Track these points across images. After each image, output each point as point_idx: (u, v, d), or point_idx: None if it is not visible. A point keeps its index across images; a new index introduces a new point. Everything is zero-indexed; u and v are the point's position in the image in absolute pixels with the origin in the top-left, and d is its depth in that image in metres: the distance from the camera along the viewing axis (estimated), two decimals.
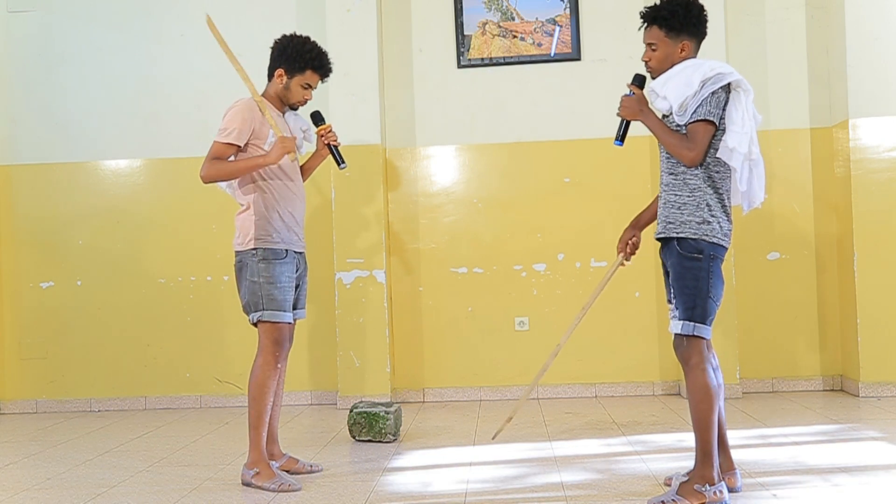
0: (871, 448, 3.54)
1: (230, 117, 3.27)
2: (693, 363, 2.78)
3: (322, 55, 3.41)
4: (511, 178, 5.19)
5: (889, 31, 4.76)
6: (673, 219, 2.82)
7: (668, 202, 2.85)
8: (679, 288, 2.80)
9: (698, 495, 2.71)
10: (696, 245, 2.77)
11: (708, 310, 2.77)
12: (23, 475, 3.64)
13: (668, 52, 2.88)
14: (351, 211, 5.02)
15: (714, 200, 2.79)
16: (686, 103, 2.75)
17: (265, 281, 3.26)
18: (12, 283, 5.38)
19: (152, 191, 5.35)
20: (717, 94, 2.75)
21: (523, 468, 3.41)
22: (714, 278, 2.78)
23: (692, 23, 2.87)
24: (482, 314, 5.16)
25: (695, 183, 2.79)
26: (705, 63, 2.81)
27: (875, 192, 4.74)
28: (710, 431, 2.74)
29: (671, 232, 2.81)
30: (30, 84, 5.40)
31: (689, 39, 2.88)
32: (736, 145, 2.71)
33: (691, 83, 2.74)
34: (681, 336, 2.80)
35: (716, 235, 2.78)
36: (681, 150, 2.77)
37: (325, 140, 3.48)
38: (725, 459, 2.93)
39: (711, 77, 2.75)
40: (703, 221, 2.77)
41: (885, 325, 4.70)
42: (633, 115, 2.90)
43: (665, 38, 2.88)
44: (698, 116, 2.74)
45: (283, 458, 3.45)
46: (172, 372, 5.30)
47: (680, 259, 2.80)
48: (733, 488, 2.91)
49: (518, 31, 5.19)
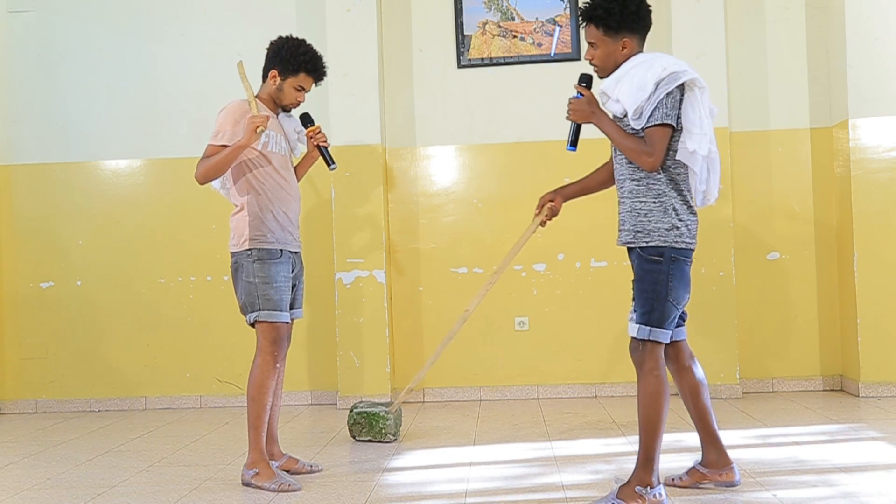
0: (871, 448, 3.53)
1: (222, 119, 3.29)
2: (647, 368, 2.73)
3: (316, 58, 3.40)
4: (511, 178, 5.19)
5: (889, 31, 4.76)
6: (641, 227, 2.74)
7: (634, 210, 2.75)
8: (638, 290, 2.74)
9: (638, 497, 2.70)
10: (656, 248, 2.70)
11: (666, 314, 2.70)
12: (23, 475, 3.64)
13: (608, 50, 2.79)
14: (351, 211, 5.02)
15: (679, 203, 2.72)
16: (641, 106, 2.66)
17: (261, 281, 3.26)
18: (12, 283, 5.38)
19: (152, 191, 5.35)
20: (673, 95, 2.65)
21: (523, 468, 3.41)
22: (675, 281, 2.71)
23: (630, 19, 2.75)
24: (482, 314, 5.16)
25: (659, 188, 2.71)
26: (656, 61, 2.70)
27: (875, 192, 4.74)
28: (655, 436, 2.72)
29: (641, 241, 2.74)
30: (29, 84, 5.40)
31: (630, 35, 2.77)
32: (696, 148, 2.65)
33: (645, 86, 2.64)
34: (637, 339, 2.75)
35: (684, 240, 2.72)
36: (640, 155, 2.68)
37: (314, 141, 3.48)
38: (720, 455, 2.92)
39: (665, 77, 2.64)
40: (671, 227, 2.70)
41: (885, 325, 4.70)
42: (585, 118, 2.81)
43: (604, 36, 2.78)
44: (655, 120, 2.65)
45: (282, 458, 3.45)
46: (172, 372, 5.30)
47: (640, 262, 2.74)
48: (732, 482, 2.91)
49: (518, 31, 5.19)
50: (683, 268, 2.74)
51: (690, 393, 2.95)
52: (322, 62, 3.43)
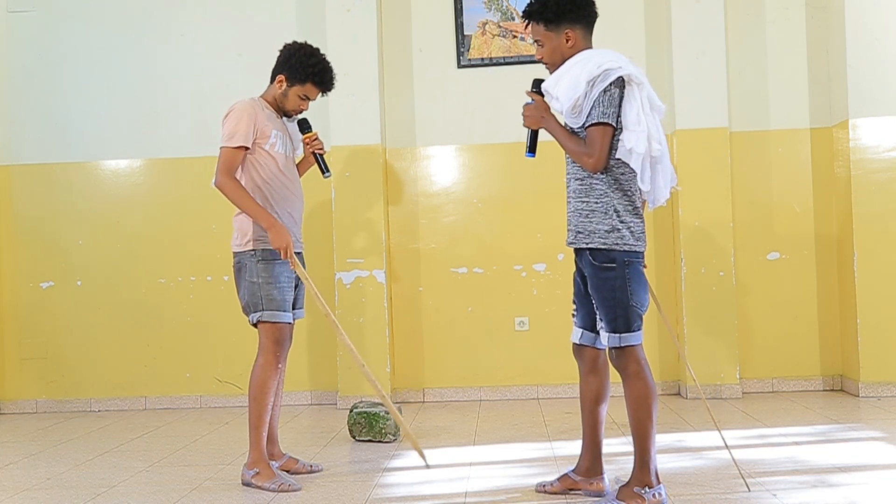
0: (871, 448, 3.54)
1: (233, 121, 3.25)
2: (630, 371, 2.73)
3: (326, 70, 3.36)
4: (511, 178, 5.19)
5: (889, 31, 4.76)
6: (582, 228, 2.73)
7: (577, 210, 2.75)
8: (599, 300, 2.73)
9: (638, 498, 2.70)
10: (608, 255, 2.68)
11: (631, 318, 2.69)
12: (23, 475, 3.64)
13: (553, 45, 2.78)
14: (351, 211, 5.02)
15: (622, 204, 2.69)
16: (578, 105, 2.63)
17: (264, 281, 3.26)
18: (12, 283, 5.38)
19: (152, 191, 5.35)
20: (610, 92, 2.61)
21: (523, 468, 3.41)
22: (633, 284, 2.69)
23: (567, 9, 2.73)
24: (482, 314, 5.16)
25: (601, 188, 2.69)
26: (592, 58, 2.66)
27: (875, 192, 4.74)
28: (648, 437, 2.71)
29: (581, 242, 2.73)
30: (29, 84, 5.40)
31: (572, 26, 2.75)
32: (633, 145, 2.60)
33: (577, 84, 2.62)
34: (611, 349, 2.75)
35: (627, 242, 2.69)
36: (581, 156, 2.66)
37: (310, 148, 3.48)
38: (594, 464, 2.92)
39: (598, 75, 2.61)
40: (611, 229, 2.68)
41: (885, 325, 4.70)
42: (536, 123, 2.81)
43: (545, 31, 2.77)
44: (592, 120, 2.62)
45: (283, 458, 3.45)
46: (172, 372, 5.30)
47: (594, 270, 2.72)
48: (601, 493, 2.90)
49: (518, 31, 5.18)
50: (638, 269, 2.73)
51: (593, 398, 2.93)
52: (331, 75, 3.39)
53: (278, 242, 3.17)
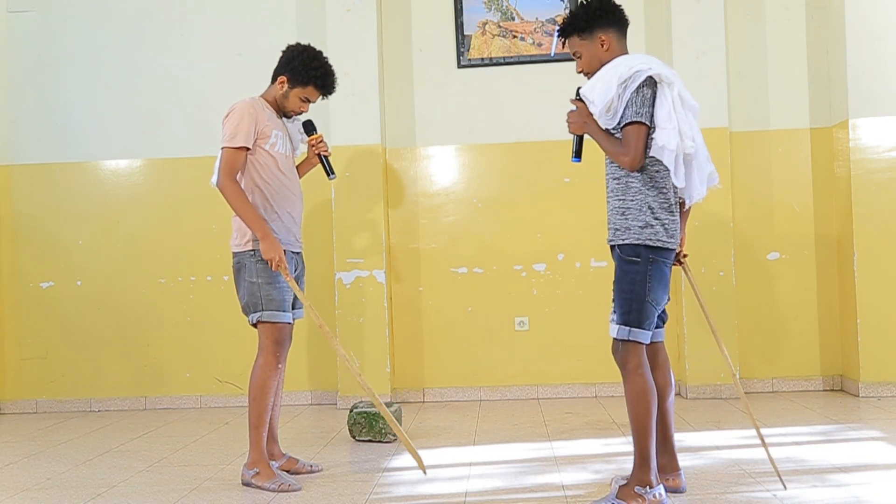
0: (871, 448, 3.53)
1: (234, 121, 3.25)
2: (630, 367, 2.75)
3: (328, 74, 3.38)
4: (511, 178, 5.19)
5: (889, 31, 4.76)
6: (619, 225, 2.79)
7: (615, 208, 2.81)
8: (617, 291, 2.78)
9: (638, 497, 2.70)
10: (635, 249, 2.74)
11: (645, 314, 2.73)
12: (23, 475, 3.64)
13: (590, 53, 2.86)
14: (351, 211, 5.02)
15: (657, 202, 2.74)
16: (613, 107, 2.72)
17: (264, 281, 3.26)
18: (12, 283, 5.38)
19: (152, 191, 5.35)
20: (642, 92, 2.69)
21: (523, 468, 3.41)
22: (653, 281, 2.73)
23: (597, 16, 2.82)
24: (482, 314, 5.16)
25: (636, 186, 2.75)
26: (625, 62, 2.75)
27: (875, 192, 4.74)
28: (647, 436, 2.73)
29: (619, 239, 2.78)
30: (29, 84, 5.40)
31: (605, 31, 2.83)
32: (665, 143, 2.66)
33: (609, 86, 2.71)
34: (617, 340, 2.77)
35: (660, 238, 2.73)
36: (618, 156, 2.73)
37: (315, 150, 3.49)
38: (671, 460, 2.92)
39: (629, 76, 2.69)
40: (645, 225, 2.73)
41: (885, 325, 4.70)
42: (580, 128, 2.88)
43: (581, 41, 2.86)
44: (626, 119, 2.70)
45: (283, 458, 3.45)
46: (172, 372, 5.30)
47: (619, 262, 2.78)
48: (678, 489, 2.91)
49: (518, 31, 5.19)
50: (662, 269, 2.77)
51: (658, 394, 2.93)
52: (333, 79, 3.40)
53: (269, 253, 3.18)
